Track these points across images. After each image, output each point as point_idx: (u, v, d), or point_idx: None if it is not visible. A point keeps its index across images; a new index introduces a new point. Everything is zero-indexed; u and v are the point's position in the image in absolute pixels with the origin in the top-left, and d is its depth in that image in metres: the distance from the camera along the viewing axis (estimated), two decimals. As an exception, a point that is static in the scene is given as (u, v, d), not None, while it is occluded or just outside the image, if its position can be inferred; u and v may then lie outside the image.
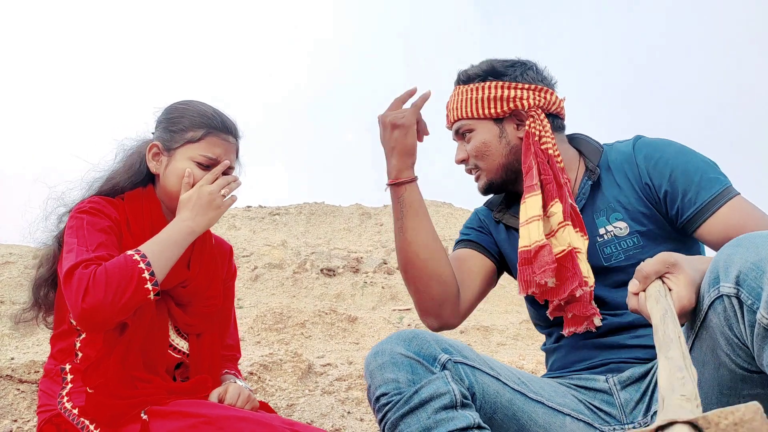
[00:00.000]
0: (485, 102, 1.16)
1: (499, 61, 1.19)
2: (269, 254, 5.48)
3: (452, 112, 1.22)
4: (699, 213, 1.02)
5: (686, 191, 1.03)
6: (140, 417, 0.90)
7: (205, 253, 1.19)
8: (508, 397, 0.98)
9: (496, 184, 1.21)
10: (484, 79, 1.18)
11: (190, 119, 1.13)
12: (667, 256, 0.80)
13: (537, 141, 1.14)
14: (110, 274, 0.90)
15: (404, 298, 4.71)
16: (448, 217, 8.65)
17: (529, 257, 1.08)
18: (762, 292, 0.66)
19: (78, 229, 1.01)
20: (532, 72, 1.18)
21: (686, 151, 1.08)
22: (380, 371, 0.93)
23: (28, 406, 1.82)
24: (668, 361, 0.62)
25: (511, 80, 1.16)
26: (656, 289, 0.78)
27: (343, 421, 1.91)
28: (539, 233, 1.07)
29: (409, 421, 0.88)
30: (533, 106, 1.15)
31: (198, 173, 1.10)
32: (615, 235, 1.11)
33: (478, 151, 1.18)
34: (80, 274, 0.89)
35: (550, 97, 1.17)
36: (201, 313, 1.14)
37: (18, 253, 4.35)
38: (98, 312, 0.88)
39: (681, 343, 0.66)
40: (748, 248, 0.70)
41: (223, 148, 1.13)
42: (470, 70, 1.20)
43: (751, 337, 0.69)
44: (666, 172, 1.06)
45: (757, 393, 0.77)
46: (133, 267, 0.93)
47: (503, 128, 1.17)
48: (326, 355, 2.87)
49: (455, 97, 1.22)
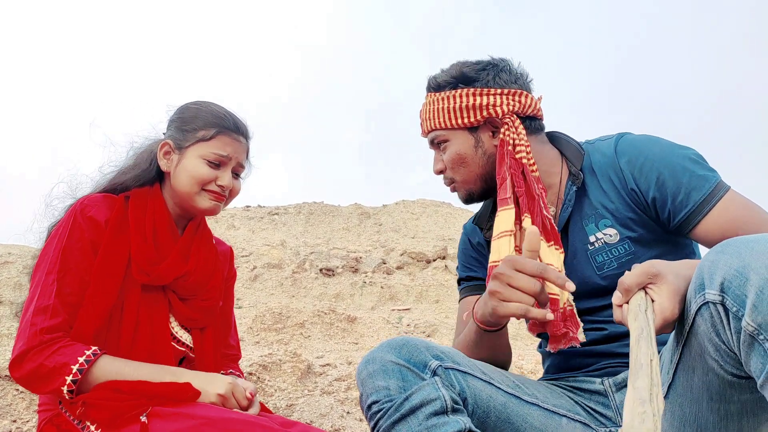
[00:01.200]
0: (457, 111, 1.12)
1: (470, 64, 1.15)
2: (268, 254, 5.48)
3: (425, 123, 1.19)
4: (692, 214, 1.00)
5: (676, 194, 1.00)
6: (139, 419, 0.90)
7: (204, 246, 1.20)
8: (501, 401, 0.98)
9: (475, 194, 1.18)
10: (455, 87, 1.14)
11: (203, 119, 1.15)
12: (649, 266, 0.79)
13: (511, 150, 1.10)
14: (41, 374, 0.96)
15: (403, 298, 4.72)
16: (447, 217, 8.66)
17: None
18: (746, 299, 0.67)
19: (48, 263, 1.02)
20: (505, 74, 1.14)
21: (670, 149, 1.04)
22: (371, 379, 0.93)
23: (27, 406, 1.82)
24: (634, 392, 0.63)
25: (483, 86, 1.12)
26: (637, 303, 0.78)
27: (342, 422, 1.91)
28: (510, 248, 1.04)
29: (400, 428, 0.88)
30: (507, 113, 1.11)
31: (207, 172, 1.12)
32: (606, 242, 1.08)
33: (454, 162, 1.15)
34: (26, 365, 0.96)
35: (525, 99, 1.13)
36: (203, 307, 1.16)
37: (17, 253, 4.36)
38: (25, 386, 1.00)
39: (652, 368, 0.66)
40: (732, 255, 0.70)
41: (234, 147, 1.15)
42: (440, 77, 1.16)
43: (737, 344, 0.69)
44: (652, 177, 1.03)
45: (745, 398, 0.77)
46: (62, 371, 0.95)
47: (478, 137, 1.14)
48: (325, 356, 2.87)
49: (427, 106, 1.18)
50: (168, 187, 1.18)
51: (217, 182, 1.14)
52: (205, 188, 1.13)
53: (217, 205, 1.16)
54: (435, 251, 5.75)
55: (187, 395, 0.97)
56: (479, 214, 1.29)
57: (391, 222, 8.18)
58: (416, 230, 7.88)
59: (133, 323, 1.06)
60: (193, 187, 1.12)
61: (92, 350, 0.98)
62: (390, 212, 8.61)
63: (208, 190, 1.13)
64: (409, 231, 7.82)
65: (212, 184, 1.13)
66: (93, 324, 1.01)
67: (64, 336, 0.98)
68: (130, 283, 1.07)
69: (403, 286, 4.84)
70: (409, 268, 5.47)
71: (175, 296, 1.12)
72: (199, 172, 1.12)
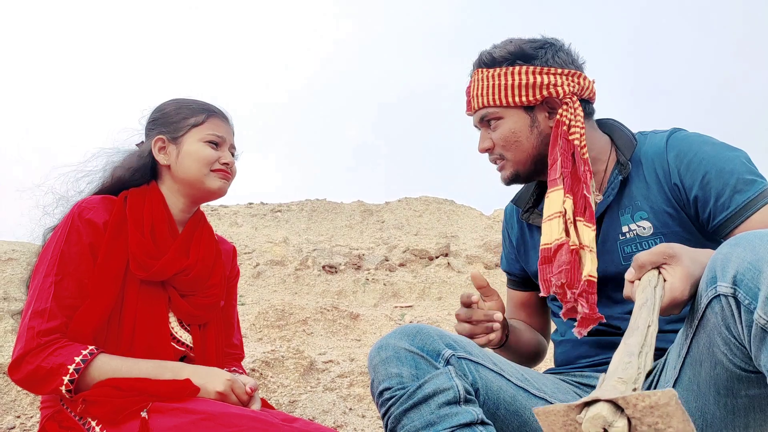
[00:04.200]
0: (515, 89, 1.07)
1: (527, 41, 1.10)
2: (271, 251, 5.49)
3: (476, 99, 1.12)
4: (733, 217, 0.95)
5: (720, 195, 0.96)
6: (140, 415, 0.90)
7: (204, 241, 1.20)
8: (511, 393, 0.98)
9: (522, 175, 1.14)
10: (512, 63, 1.08)
11: (189, 108, 1.19)
12: (666, 247, 0.79)
13: (566, 131, 1.06)
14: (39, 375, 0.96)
15: (406, 295, 4.71)
16: (449, 214, 8.64)
17: (549, 256, 1.03)
18: (759, 292, 0.66)
19: (46, 266, 1.02)
20: (563, 54, 1.09)
21: (721, 150, 1.00)
22: (384, 366, 0.93)
23: (31, 402, 1.83)
24: (624, 347, 0.64)
25: (542, 64, 1.07)
26: (648, 278, 0.78)
27: (344, 418, 1.91)
28: (560, 230, 1.02)
29: (412, 416, 0.88)
30: (568, 93, 1.07)
31: (211, 152, 1.15)
32: (637, 234, 1.05)
33: (506, 140, 1.10)
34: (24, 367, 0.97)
35: (583, 81, 1.09)
36: (204, 304, 1.15)
37: (21, 250, 4.37)
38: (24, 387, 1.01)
39: (648, 332, 0.67)
40: (746, 248, 0.69)
41: (225, 129, 1.20)
42: (495, 52, 1.10)
43: (748, 338, 0.69)
44: (698, 175, 0.99)
45: (753, 393, 0.77)
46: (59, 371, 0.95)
47: (535, 117, 1.09)
48: (328, 352, 2.87)
49: (479, 83, 1.12)
50: (168, 182, 1.18)
51: (221, 161, 1.17)
52: (212, 169, 1.16)
53: (226, 184, 1.18)
54: (438, 248, 5.74)
55: (186, 393, 0.96)
56: (519, 195, 1.27)
57: (394, 219, 8.17)
58: (419, 227, 7.87)
59: (132, 319, 1.05)
60: (202, 170, 1.14)
61: (89, 350, 0.98)
62: (393, 209, 8.60)
63: (215, 170, 1.16)
64: (412, 228, 7.81)
65: (217, 163, 1.16)
66: (92, 324, 1.01)
67: (61, 337, 0.98)
68: (130, 280, 1.06)
69: (405, 284, 4.84)
70: (412, 265, 5.47)
71: (175, 292, 1.11)
72: (204, 154, 1.14)
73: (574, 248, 1.00)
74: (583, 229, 1.01)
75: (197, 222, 1.21)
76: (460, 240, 6.93)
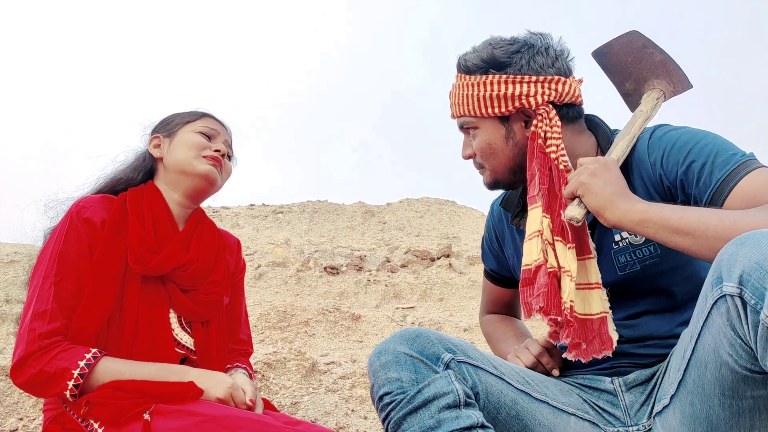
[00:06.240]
0: (488, 100, 1.06)
1: (504, 45, 1.06)
2: (272, 252, 5.48)
3: (455, 107, 1.13)
4: (715, 194, 0.91)
5: (700, 175, 0.93)
6: (143, 416, 0.90)
7: (205, 237, 1.20)
8: (511, 397, 0.98)
9: (502, 183, 1.14)
10: (486, 72, 1.06)
11: (185, 113, 1.25)
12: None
13: (542, 144, 1.04)
14: (42, 379, 0.95)
15: (407, 296, 4.71)
16: (451, 215, 8.64)
17: (530, 277, 1.00)
18: (766, 291, 0.66)
19: (45, 266, 1.02)
20: (541, 57, 1.05)
21: (701, 134, 0.98)
22: (383, 370, 0.93)
23: (34, 404, 1.83)
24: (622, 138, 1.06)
25: (516, 72, 1.04)
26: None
27: (347, 419, 1.91)
28: (538, 251, 0.99)
29: (412, 420, 0.88)
30: (542, 103, 1.04)
31: (201, 139, 1.19)
32: (630, 243, 1.03)
33: (482, 151, 1.11)
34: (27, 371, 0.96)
35: (562, 87, 1.05)
36: (205, 301, 1.14)
37: (24, 252, 4.37)
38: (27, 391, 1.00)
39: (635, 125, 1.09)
40: (752, 247, 0.69)
41: (219, 128, 1.24)
42: (470, 59, 1.09)
43: (754, 338, 0.68)
44: (680, 158, 0.96)
45: (759, 394, 0.76)
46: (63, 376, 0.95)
47: (510, 127, 1.08)
48: (330, 354, 2.87)
49: (457, 89, 1.11)
50: (162, 175, 1.20)
51: (212, 148, 1.19)
52: (202, 155, 1.17)
53: (214, 170, 1.17)
54: (439, 249, 5.73)
55: (190, 395, 0.96)
56: (506, 198, 1.25)
57: (395, 220, 8.17)
58: (420, 228, 7.87)
59: (133, 319, 1.05)
60: (191, 151, 1.16)
61: (92, 353, 0.97)
62: (394, 210, 8.60)
63: (205, 156, 1.17)
64: (413, 229, 7.80)
65: (207, 150, 1.18)
66: (93, 324, 1.00)
67: (63, 340, 0.98)
68: (130, 279, 1.06)
69: (407, 285, 4.83)
70: (414, 266, 5.46)
71: (175, 288, 1.11)
72: (194, 140, 1.18)
73: (552, 271, 0.96)
74: (561, 250, 0.98)
75: (198, 219, 1.22)
76: (462, 241, 6.92)
